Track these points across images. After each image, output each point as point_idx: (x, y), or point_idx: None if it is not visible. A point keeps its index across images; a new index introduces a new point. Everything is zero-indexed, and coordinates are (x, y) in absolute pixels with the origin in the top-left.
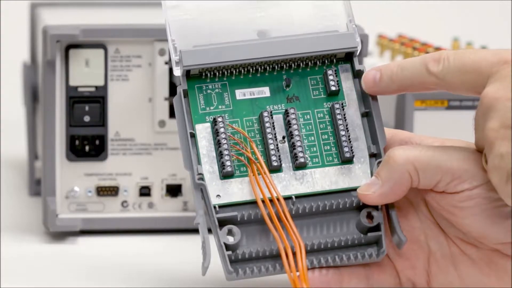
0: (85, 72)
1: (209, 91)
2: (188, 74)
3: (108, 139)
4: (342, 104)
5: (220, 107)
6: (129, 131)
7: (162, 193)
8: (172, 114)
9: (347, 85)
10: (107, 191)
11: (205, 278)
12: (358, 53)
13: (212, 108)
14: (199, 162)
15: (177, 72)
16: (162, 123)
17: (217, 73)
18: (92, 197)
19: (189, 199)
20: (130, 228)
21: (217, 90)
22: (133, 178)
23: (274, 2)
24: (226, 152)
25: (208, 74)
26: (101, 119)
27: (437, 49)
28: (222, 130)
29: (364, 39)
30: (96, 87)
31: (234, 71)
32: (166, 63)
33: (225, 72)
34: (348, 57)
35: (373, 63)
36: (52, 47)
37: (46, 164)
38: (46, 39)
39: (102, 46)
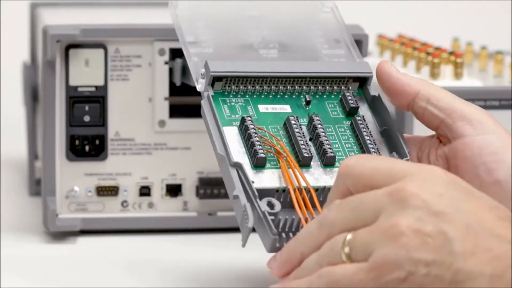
0: (85, 72)
1: (232, 103)
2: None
3: (108, 139)
4: (363, 116)
5: (245, 114)
6: (129, 131)
7: (162, 193)
8: (172, 114)
9: (363, 111)
10: (107, 191)
11: (206, 278)
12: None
13: (237, 116)
14: None
15: (201, 85)
16: (162, 123)
17: (239, 89)
18: (92, 197)
19: (189, 199)
20: (130, 228)
21: (240, 103)
22: (133, 178)
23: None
24: (257, 143)
25: (231, 90)
26: (101, 119)
27: (437, 49)
28: (251, 126)
29: (364, 39)
30: (96, 87)
31: (256, 88)
32: (166, 63)
33: (247, 88)
34: (361, 85)
35: (373, 63)
36: (52, 47)
37: (46, 164)
38: (46, 39)
39: (102, 46)
